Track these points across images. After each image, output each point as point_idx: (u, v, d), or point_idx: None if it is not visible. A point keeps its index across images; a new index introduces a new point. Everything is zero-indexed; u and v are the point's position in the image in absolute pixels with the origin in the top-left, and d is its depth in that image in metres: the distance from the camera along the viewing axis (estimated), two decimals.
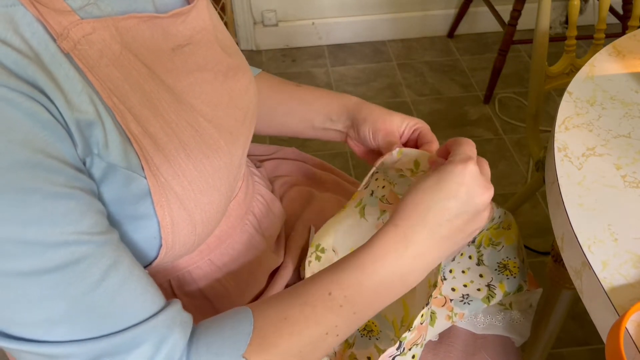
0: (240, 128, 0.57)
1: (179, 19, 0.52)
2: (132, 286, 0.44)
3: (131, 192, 0.46)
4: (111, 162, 0.44)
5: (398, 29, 2.36)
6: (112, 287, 0.42)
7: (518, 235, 0.72)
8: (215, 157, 0.52)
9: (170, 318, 0.46)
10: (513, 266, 0.69)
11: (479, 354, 0.68)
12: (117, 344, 0.42)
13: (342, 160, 1.82)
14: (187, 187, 0.49)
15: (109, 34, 0.46)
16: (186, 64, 0.52)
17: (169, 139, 0.48)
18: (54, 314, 0.40)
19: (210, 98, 0.53)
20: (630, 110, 0.73)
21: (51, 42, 0.42)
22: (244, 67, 0.61)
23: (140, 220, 0.47)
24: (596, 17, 1.18)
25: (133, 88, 0.47)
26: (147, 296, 0.45)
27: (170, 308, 0.46)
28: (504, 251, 0.70)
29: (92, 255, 0.41)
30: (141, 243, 0.49)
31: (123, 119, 0.45)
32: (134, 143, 0.46)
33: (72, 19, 0.43)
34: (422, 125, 0.68)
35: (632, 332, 0.48)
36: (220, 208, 0.54)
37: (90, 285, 0.41)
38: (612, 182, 0.62)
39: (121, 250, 0.44)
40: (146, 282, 0.46)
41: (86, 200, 0.41)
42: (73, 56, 0.43)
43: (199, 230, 0.52)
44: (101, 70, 0.45)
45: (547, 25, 1.10)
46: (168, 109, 0.49)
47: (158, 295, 0.47)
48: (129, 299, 0.43)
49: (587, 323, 1.35)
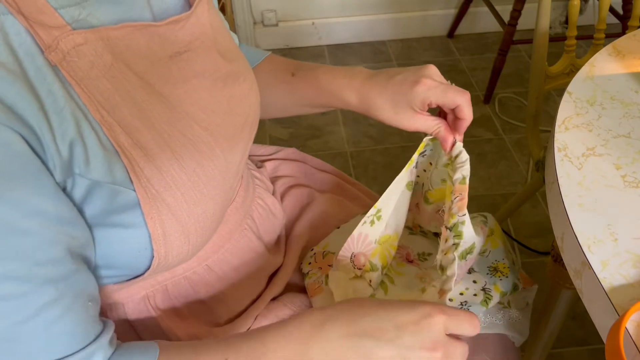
0: (239, 134, 0.57)
1: (178, 25, 0.51)
2: (64, 324, 0.43)
3: (116, 204, 0.46)
4: (94, 179, 0.44)
5: (398, 29, 2.36)
6: (42, 324, 0.42)
7: (503, 238, 0.73)
8: (209, 165, 0.51)
9: (89, 354, 0.44)
10: (503, 267, 0.70)
11: (479, 354, 0.68)
12: None
13: (342, 160, 1.82)
14: (180, 198, 0.48)
15: (101, 44, 0.45)
16: (183, 72, 0.52)
17: (161, 150, 0.48)
18: None
19: (207, 105, 0.53)
20: (630, 110, 0.73)
21: (38, 55, 0.41)
22: (245, 72, 0.60)
23: (129, 229, 0.47)
24: (596, 17, 1.18)
25: (124, 99, 0.46)
26: (76, 334, 0.44)
27: (94, 343, 0.45)
28: (492, 255, 0.71)
29: (31, 293, 0.41)
30: (133, 253, 0.48)
31: (111, 132, 0.45)
32: (122, 156, 0.45)
33: (63, 30, 0.43)
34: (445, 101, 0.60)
35: (632, 332, 0.48)
36: (215, 217, 0.53)
37: (22, 318, 0.41)
38: (612, 182, 0.62)
39: (67, 287, 0.43)
40: (83, 319, 0.45)
41: (47, 236, 0.41)
42: (61, 69, 0.42)
43: (193, 240, 0.51)
44: (91, 83, 0.44)
45: (547, 25, 1.10)
46: (160, 119, 0.48)
47: (91, 330, 0.45)
48: (56, 336, 0.43)
49: (587, 323, 1.35)
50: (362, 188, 0.86)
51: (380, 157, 1.82)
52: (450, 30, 2.38)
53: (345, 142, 1.90)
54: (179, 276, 0.59)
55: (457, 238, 0.58)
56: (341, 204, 0.79)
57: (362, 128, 1.94)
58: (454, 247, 0.58)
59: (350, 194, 0.83)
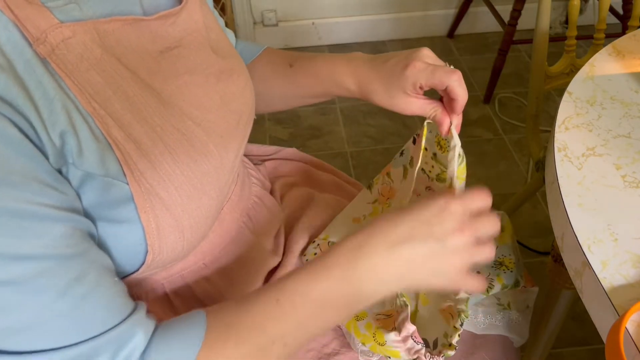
0: (233, 132, 0.57)
1: (168, 20, 0.51)
2: (96, 299, 0.43)
3: (110, 197, 0.45)
4: (87, 170, 0.44)
5: (398, 29, 2.36)
6: (74, 300, 0.42)
7: (512, 237, 0.72)
8: (203, 161, 0.51)
9: (131, 327, 0.45)
10: (509, 262, 0.70)
11: (478, 354, 0.68)
12: (75, 355, 0.42)
13: (342, 160, 1.82)
14: (174, 192, 0.48)
15: (89, 37, 0.45)
16: (174, 67, 0.52)
17: (154, 144, 0.48)
18: (14, 324, 0.40)
19: (200, 101, 0.53)
20: (630, 110, 0.73)
21: (27, 48, 0.41)
22: (239, 69, 0.60)
23: (122, 224, 0.47)
24: (596, 17, 1.18)
25: (115, 92, 0.46)
26: (111, 308, 0.44)
27: (133, 316, 0.45)
28: (499, 250, 0.71)
29: (55, 269, 0.41)
30: (127, 248, 0.48)
31: (104, 125, 0.45)
32: (115, 149, 0.45)
33: (50, 22, 0.42)
34: (438, 81, 0.58)
35: (632, 332, 0.48)
36: (211, 213, 0.53)
37: (52, 297, 0.41)
38: (612, 182, 0.62)
39: (90, 262, 0.43)
40: (114, 293, 0.45)
41: (52, 215, 0.41)
42: (50, 61, 0.42)
43: (188, 236, 0.51)
44: (81, 75, 0.44)
45: (547, 25, 1.10)
46: (153, 113, 0.48)
47: (125, 304, 0.46)
48: (91, 311, 0.43)
49: (587, 323, 1.35)
50: (362, 188, 0.86)
51: (380, 157, 1.82)
52: (450, 30, 2.38)
53: (345, 142, 1.90)
54: (175, 275, 0.59)
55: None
56: (341, 204, 0.79)
57: (362, 128, 1.94)
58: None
59: (350, 194, 0.83)
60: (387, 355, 0.59)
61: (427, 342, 0.61)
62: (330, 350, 0.64)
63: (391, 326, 0.59)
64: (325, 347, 0.65)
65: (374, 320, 0.62)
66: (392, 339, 0.57)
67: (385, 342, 0.58)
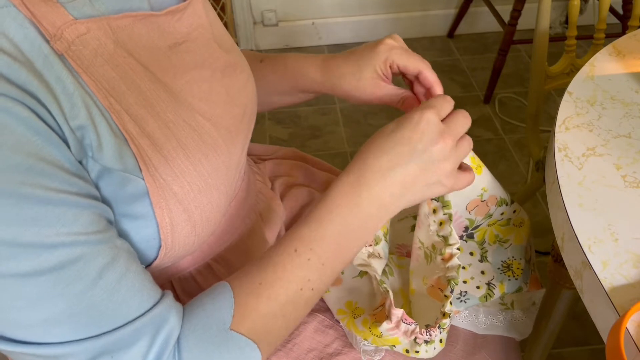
0: (239, 126, 0.57)
1: (175, 16, 0.52)
2: (130, 282, 0.44)
3: (127, 192, 0.46)
4: (106, 165, 0.44)
5: (398, 28, 2.36)
6: (109, 285, 0.42)
7: (528, 237, 0.72)
8: (214, 155, 0.52)
9: (165, 309, 0.46)
10: (517, 267, 0.69)
11: (479, 354, 0.68)
12: (116, 340, 0.43)
13: (342, 160, 1.82)
14: (187, 187, 0.49)
15: (103, 33, 0.45)
16: (183, 62, 0.52)
17: (167, 139, 0.48)
18: (53, 315, 0.40)
19: (208, 96, 0.53)
20: (631, 110, 0.73)
21: (44, 44, 0.42)
22: (242, 64, 0.61)
23: (138, 220, 0.47)
24: (596, 17, 1.18)
25: (129, 87, 0.46)
26: (144, 291, 0.45)
27: (165, 300, 0.47)
28: (511, 250, 0.70)
29: (87, 255, 0.41)
30: (140, 243, 0.49)
31: (120, 120, 0.45)
32: (131, 144, 0.46)
33: (65, 19, 0.43)
34: (412, 67, 0.61)
35: (632, 332, 0.48)
36: (220, 207, 0.54)
37: (87, 284, 0.41)
38: (612, 182, 0.62)
39: (118, 248, 0.44)
40: (143, 278, 0.46)
41: (80, 202, 0.41)
42: (67, 57, 0.43)
43: (199, 231, 0.52)
44: (96, 71, 0.44)
45: (547, 25, 1.10)
46: (165, 108, 0.49)
47: (154, 289, 0.47)
48: (126, 295, 0.43)
49: (587, 323, 1.35)
50: None
51: None
52: (450, 30, 2.38)
53: (345, 142, 1.90)
54: (184, 271, 0.60)
55: (446, 209, 0.58)
56: None
57: (362, 128, 1.94)
58: (448, 217, 0.58)
59: None
60: (388, 345, 0.59)
61: None
62: (332, 350, 0.64)
63: (384, 317, 0.60)
64: (327, 347, 0.65)
65: (370, 316, 0.62)
66: (386, 327, 0.58)
67: (382, 333, 0.59)
